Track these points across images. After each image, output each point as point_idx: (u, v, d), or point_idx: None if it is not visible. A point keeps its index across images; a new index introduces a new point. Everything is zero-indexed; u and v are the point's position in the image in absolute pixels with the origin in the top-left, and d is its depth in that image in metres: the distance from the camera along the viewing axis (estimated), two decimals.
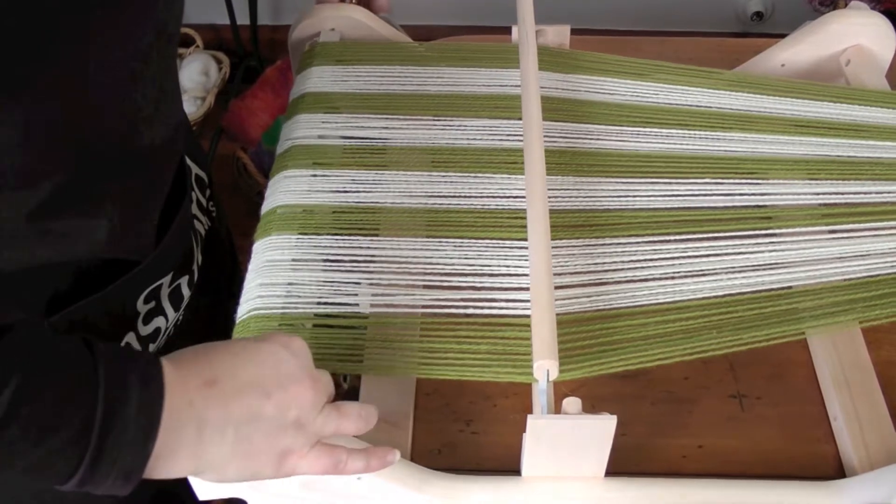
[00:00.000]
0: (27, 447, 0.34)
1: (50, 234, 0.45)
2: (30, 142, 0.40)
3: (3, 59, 0.36)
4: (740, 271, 0.51)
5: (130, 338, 0.53)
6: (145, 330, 0.54)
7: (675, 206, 0.55)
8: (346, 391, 0.63)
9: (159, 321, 0.55)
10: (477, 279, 0.49)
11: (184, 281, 0.56)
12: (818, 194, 0.57)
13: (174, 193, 0.54)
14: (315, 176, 0.55)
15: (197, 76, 1.66)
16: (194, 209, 0.59)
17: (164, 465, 0.38)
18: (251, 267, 0.51)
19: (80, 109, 0.41)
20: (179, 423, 0.37)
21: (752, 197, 0.56)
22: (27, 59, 0.37)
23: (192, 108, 1.62)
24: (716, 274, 0.51)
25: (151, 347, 0.55)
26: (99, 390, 0.35)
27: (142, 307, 0.53)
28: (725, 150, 0.59)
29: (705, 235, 0.53)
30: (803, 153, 0.60)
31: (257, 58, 1.78)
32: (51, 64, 0.38)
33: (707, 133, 0.60)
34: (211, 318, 0.62)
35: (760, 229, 0.54)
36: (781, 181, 0.57)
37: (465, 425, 0.55)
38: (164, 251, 0.53)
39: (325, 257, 0.50)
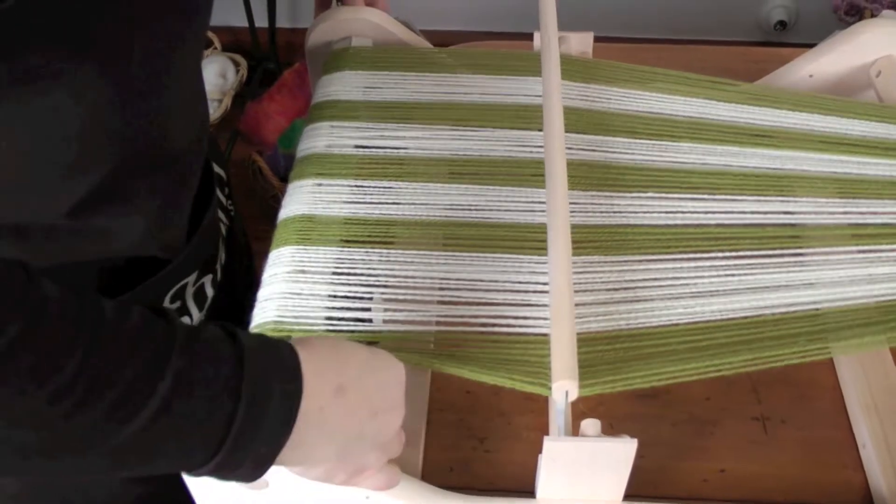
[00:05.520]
0: (173, 442, 0.35)
1: (88, 232, 0.46)
2: (70, 137, 0.41)
3: (47, 41, 0.36)
4: (766, 290, 0.49)
5: None
6: None
7: (701, 222, 0.53)
8: None
9: (184, 321, 0.54)
10: (494, 295, 0.48)
11: (207, 280, 0.56)
12: (848, 213, 0.55)
13: (201, 192, 0.54)
14: (330, 186, 0.54)
15: (214, 78, 1.66)
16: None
17: (283, 457, 0.39)
18: (265, 277, 0.50)
19: (122, 99, 0.41)
20: (307, 424, 0.38)
21: (780, 215, 0.54)
22: (71, 38, 0.37)
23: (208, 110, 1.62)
24: (741, 293, 0.49)
25: None
26: (243, 386, 0.36)
27: (168, 306, 0.52)
28: (752, 167, 0.58)
29: (731, 254, 0.51)
30: (832, 171, 0.58)
31: (275, 60, 1.78)
32: (94, 46, 0.38)
33: (734, 148, 0.59)
34: (231, 320, 0.61)
35: (788, 248, 0.52)
36: (809, 199, 0.56)
37: (478, 443, 0.54)
38: (193, 250, 0.53)
39: (338, 270, 0.50)
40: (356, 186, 0.54)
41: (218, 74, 1.67)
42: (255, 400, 0.36)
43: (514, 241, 0.51)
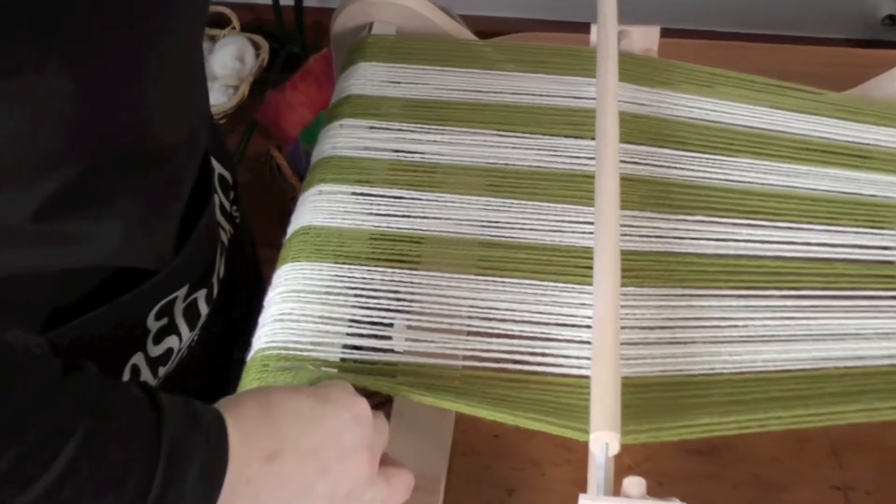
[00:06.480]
0: None
1: (57, 237, 0.46)
2: (35, 133, 0.41)
3: (8, 36, 0.37)
4: (853, 339, 0.48)
5: (138, 358, 0.53)
6: (155, 350, 0.54)
7: (774, 254, 0.52)
8: None
9: (172, 341, 0.55)
10: (530, 328, 0.48)
11: (201, 295, 0.57)
12: None
13: (196, 196, 0.55)
14: (352, 194, 0.55)
15: (230, 62, 1.68)
16: (217, 214, 0.59)
17: None
18: (270, 297, 0.51)
19: (91, 96, 0.42)
20: (234, 500, 0.38)
21: (874, 251, 0.53)
22: (35, 32, 0.37)
23: (222, 97, 1.65)
24: (801, 341, 0.48)
25: (162, 371, 0.55)
26: (160, 456, 0.36)
27: (153, 324, 0.53)
28: (823, 190, 0.57)
29: (791, 293, 0.50)
30: None
31: (301, 44, 1.80)
32: (61, 39, 0.38)
33: (802, 167, 0.58)
34: (228, 341, 0.62)
35: (883, 289, 0.51)
36: None
37: (506, 495, 0.54)
38: (184, 261, 0.53)
39: (356, 291, 0.50)
40: (379, 197, 0.55)
41: (235, 57, 1.69)
42: (172, 473, 0.36)
43: (554, 267, 0.51)
